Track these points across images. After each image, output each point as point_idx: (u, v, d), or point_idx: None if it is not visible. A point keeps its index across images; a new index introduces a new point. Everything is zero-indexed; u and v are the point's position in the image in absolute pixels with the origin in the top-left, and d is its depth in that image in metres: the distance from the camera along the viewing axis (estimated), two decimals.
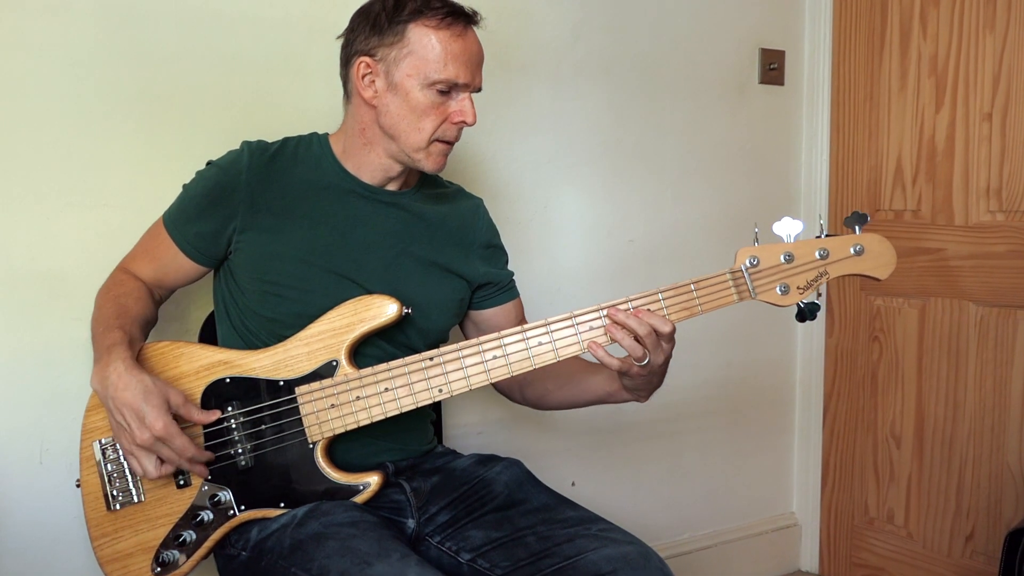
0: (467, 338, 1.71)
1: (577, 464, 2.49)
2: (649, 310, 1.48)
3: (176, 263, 1.63)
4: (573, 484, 2.46)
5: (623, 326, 1.47)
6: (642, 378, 1.54)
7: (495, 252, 1.81)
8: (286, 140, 1.66)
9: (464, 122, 1.56)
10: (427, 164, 1.59)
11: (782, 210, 2.77)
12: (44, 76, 1.77)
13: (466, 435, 2.26)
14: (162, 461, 1.42)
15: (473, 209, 1.79)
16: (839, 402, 2.81)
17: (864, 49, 2.67)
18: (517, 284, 1.82)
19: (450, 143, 1.59)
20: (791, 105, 2.78)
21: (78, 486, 1.53)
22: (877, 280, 1.53)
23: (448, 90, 1.53)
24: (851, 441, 2.78)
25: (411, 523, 1.58)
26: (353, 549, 1.36)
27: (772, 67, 2.71)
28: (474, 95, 1.58)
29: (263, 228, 1.58)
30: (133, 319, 1.54)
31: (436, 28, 1.51)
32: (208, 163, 1.63)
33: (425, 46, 1.51)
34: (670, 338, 1.49)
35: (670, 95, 2.54)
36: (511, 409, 2.34)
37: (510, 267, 1.83)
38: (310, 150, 1.65)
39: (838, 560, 2.85)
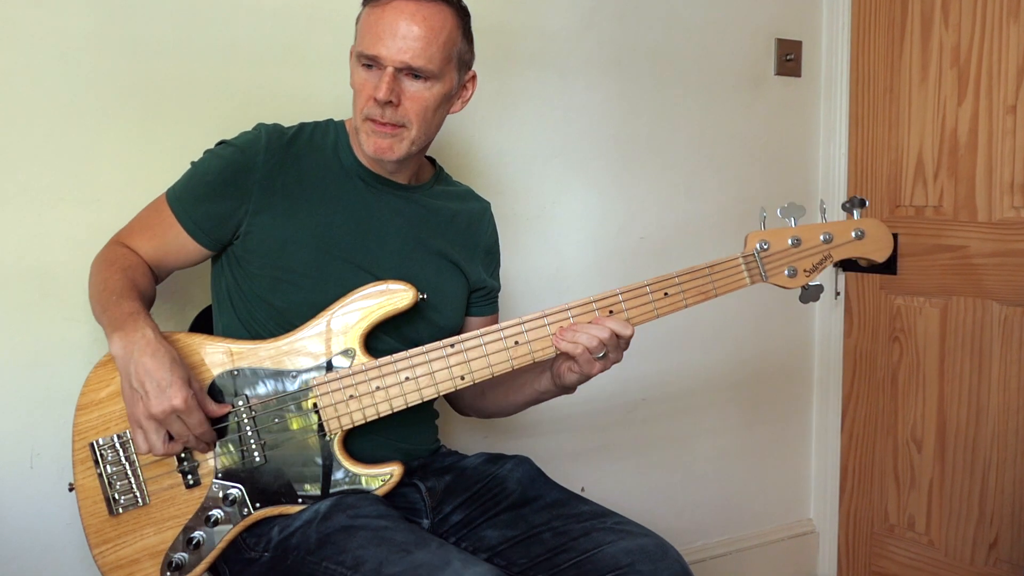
0: None
1: (587, 469, 2.48)
2: (611, 312, 1.53)
3: (179, 243, 1.59)
4: (583, 490, 2.44)
5: (583, 332, 1.50)
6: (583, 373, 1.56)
7: (493, 260, 1.83)
8: (303, 125, 1.66)
9: (374, 97, 1.52)
10: (366, 145, 1.56)
11: None
12: (35, 67, 1.75)
13: (471, 439, 2.25)
14: (171, 438, 1.41)
15: (481, 212, 1.81)
16: (858, 405, 2.79)
17: (884, 39, 2.65)
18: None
19: (377, 121, 1.54)
20: (808, 97, 2.77)
21: (71, 490, 1.50)
22: (876, 263, 1.62)
23: (370, 64, 1.53)
24: (870, 445, 2.76)
25: (425, 523, 1.59)
26: (388, 539, 1.36)
27: (789, 58, 2.69)
28: (422, 81, 1.53)
29: (278, 212, 1.57)
30: (144, 296, 1.53)
31: (372, 5, 1.54)
32: (220, 142, 1.62)
33: (362, 23, 1.55)
34: (628, 341, 1.54)
35: (683, 87, 2.53)
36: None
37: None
38: (326, 136, 1.65)
39: (857, 569, 2.83)
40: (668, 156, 2.52)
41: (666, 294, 1.54)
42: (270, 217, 1.56)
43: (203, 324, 1.74)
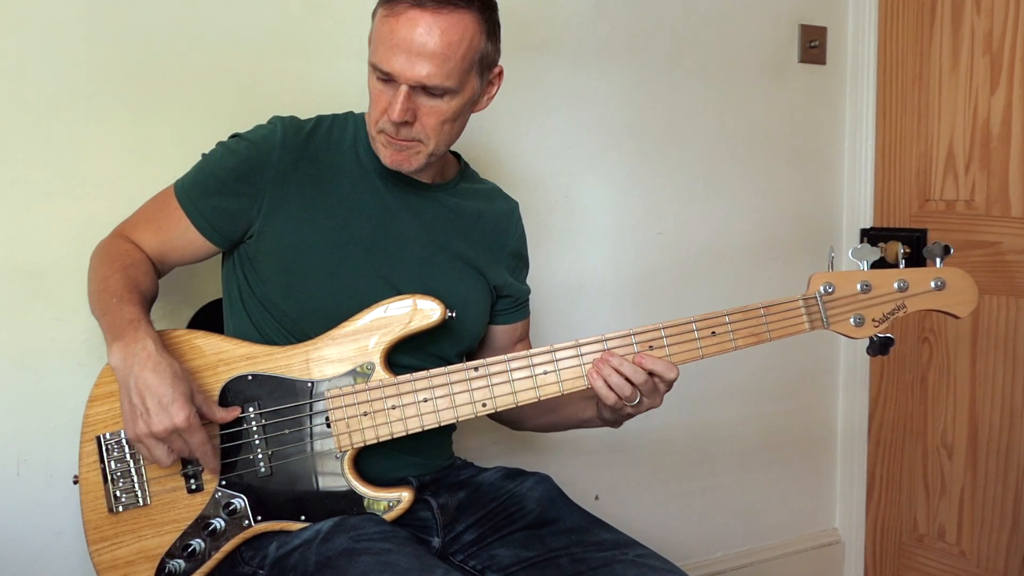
0: None
1: (601, 476, 2.46)
2: (650, 353, 1.48)
3: (185, 238, 1.58)
4: (597, 498, 2.43)
5: (617, 371, 1.47)
6: (626, 414, 1.54)
7: (521, 264, 1.81)
8: (320, 119, 1.64)
9: (388, 117, 1.49)
10: (381, 156, 1.55)
11: (823, 200, 2.76)
12: (23, 54, 1.73)
13: (482, 446, 2.23)
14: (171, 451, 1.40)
15: (508, 213, 1.78)
16: (885, 409, 2.78)
17: (913, 25, 2.63)
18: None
19: (392, 137, 1.51)
20: (834, 86, 2.75)
21: (75, 483, 1.50)
22: (956, 317, 1.56)
23: (387, 79, 1.48)
24: (899, 451, 2.75)
25: (436, 542, 1.57)
26: (392, 564, 1.34)
27: (813, 45, 2.68)
28: (437, 96, 1.49)
29: (292, 213, 1.55)
30: (146, 297, 1.51)
31: (386, 9, 1.48)
32: (234, 135, 1.61)
33: (376, 29, 1.50)
34: (671, 384, 1.50)
35: (702, 75, 2.51)
36: None
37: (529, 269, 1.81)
38: (345, 132, 1.63)
39: None
40: (686, 147, 2.50)
41: (713, 333, 1.49)
42: (283, 219, 1.55)
43: (203, 320, 1.72)
